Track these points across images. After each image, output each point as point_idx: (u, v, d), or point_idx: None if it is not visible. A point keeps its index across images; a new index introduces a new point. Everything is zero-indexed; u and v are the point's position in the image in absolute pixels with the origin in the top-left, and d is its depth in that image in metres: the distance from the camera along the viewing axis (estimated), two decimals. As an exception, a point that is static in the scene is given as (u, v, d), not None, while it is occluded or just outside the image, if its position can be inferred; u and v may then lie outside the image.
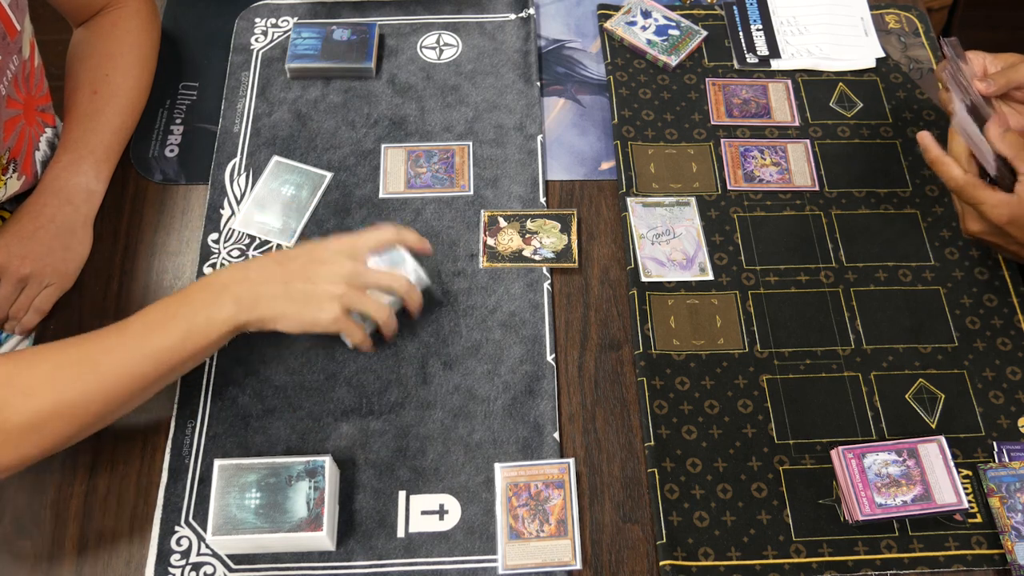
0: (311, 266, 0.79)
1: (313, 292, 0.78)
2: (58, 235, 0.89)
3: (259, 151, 0.99)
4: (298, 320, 0.78)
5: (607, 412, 0.85)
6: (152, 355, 0.75)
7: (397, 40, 1.09)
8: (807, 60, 1.07)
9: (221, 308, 0.76)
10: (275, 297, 0.77)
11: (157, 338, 0.75)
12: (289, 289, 0.78)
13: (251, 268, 0.79)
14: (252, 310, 0.77)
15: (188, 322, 0.75)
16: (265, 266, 0.79)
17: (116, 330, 0.76)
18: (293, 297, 0.78)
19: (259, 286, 0.78)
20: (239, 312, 0.76)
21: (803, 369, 0.87)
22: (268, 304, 0.77)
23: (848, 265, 0.92)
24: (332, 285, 0.79)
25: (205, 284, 0.78)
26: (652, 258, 0.92)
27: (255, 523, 0.74)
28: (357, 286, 0.80)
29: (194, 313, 0.76)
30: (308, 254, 0.81)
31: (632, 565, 0.78)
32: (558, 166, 1.00)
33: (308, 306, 0.78)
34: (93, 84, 0.96)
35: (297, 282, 0.78)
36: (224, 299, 0.76)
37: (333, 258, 0.80)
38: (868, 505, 0.77)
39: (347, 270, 0.80)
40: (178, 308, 0.76)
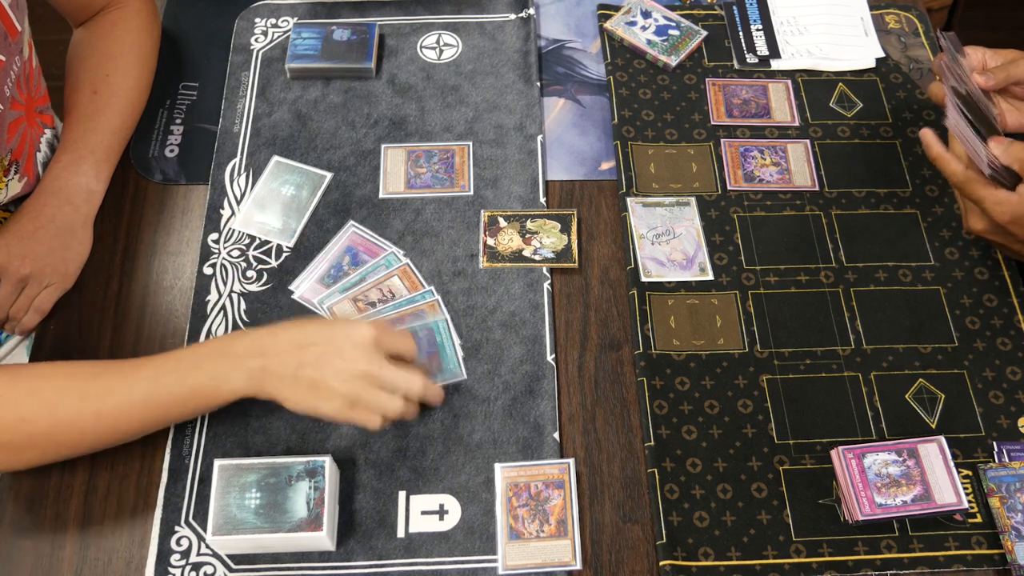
0: (326, 357, 0.76)
1: (320, 383, 0.76)
2: (58, 235, 0.89)
3: (259, 151, 0.99)
4: (302, 405, 0.77)
5: (607, 412, 0.85)
6: (155, 406, 0.76)
7: (397, 40, 1.09)
8: (807, 60, 1.07)
9: (231, 379, 0.76)
10: (284, 379, 0.76)
11: (163, 391, 0.76)
12: (299, 374, 0.76)
13: (268, 344, 0.77)
14: (260, 387, 0.77)
15: (196, 383, 0.76)
16: (282, 344, 0.77)
17: (125, 372, 0.76)
18: (300, 383, 0.76)
19: (272, 365, 0.76)
20: (247, 387, 0.77)
21: (803, 369, 0.87)
22: (276, 385, 0.76)
23: (848, 265, 0.92)
24: (342, 383, 0.76)
25: (221, 349, 0.77)
26: (652, 258, 0.92)
27: (255, 523, 0.74)
28: (368, 382, 0.77)
29: (205, 377, 0.76)
30: (328, 342, 0.77)
31: (632, 565, 0.78)
32: (558, 166, 1.00)
33: (313, 394, 0.76)
34: (93, 84, 0.96)
35: (308, 369, 0.76)
36: (237, 371, 0.76)
37: (351, 352, 0.76)
38: (868, 505, 0.77)
39: (360, 369, 0.76)
40: (190, 368, 0.76)
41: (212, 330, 0.88)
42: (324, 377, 0.76)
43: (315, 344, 0.77)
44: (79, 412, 0.75)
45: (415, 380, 0.78)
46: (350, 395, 0.76)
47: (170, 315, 0.90)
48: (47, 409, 0.74)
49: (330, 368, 0.76)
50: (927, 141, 0.85)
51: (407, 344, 0.81)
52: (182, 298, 0.91)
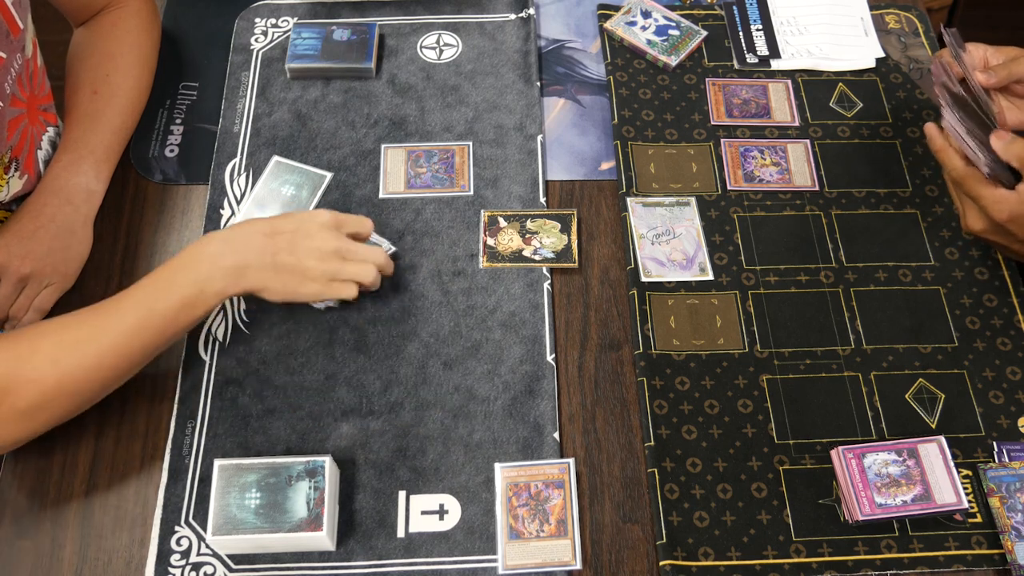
0: (297, 240, 0.82)
1: (297, 265, 0.81)
2: (58, 235, 0.89)
3: (259, 151, 0.99)
4: (283, 291, 0.82)
5: (607, 412, 0.85)
6: (148, 328, 0.78)
7: (397, 40, 1.09)
8: (807, 60, 1.07)
9: (212, 281, 0.79)
10: (262, 268, 0.80)
11: (152, 311, 0.78)
12: (276, 261, 0.81)
13: (236, 238, 0.81)
14: (239, 282, 0.80)
15: (180, 295, 0.78)
16: (251, 237, 0.81)
17: (112, 306, 0.78)
18: (279, 269, 0.81)
19: (246, 257, 0.80)
20: (227, 285, 0.79)
21: (803, 369, 0.87)
22: (255, 275, 0.80)
23: (848, 265, 0.92)
24: (317, 260, 0.82)
25: (192, 257, 0.80)
26: (652, 258, 0.92)
27: (255, 523, 0.74)
28: (339, 258, 0.83)
29: (187, 285, 0.78)
30: (293, 226, 0.82)
31: (632, 565, 0.78)
32: (558, 166, 1.00)
33: (293, 278, 0.81)
34: (93, 84, 0.96)
35: (283, 255, 0.81)
36: (214, 272, 0.79)
37: (318, 232, 0.83)
38: (868, 505, 0.77)
39: (331, 246, 0.82)
40: (169, 282, 0.79)
41: (211, 330, 0.88)
42: (300, 259, 0.81)
43: (283, 232, 0.82)
44: (81, 357, 0.76)
45: (377, 250, 0.86)
46: (327, 272, 0.82)
47: (170, 315, 0.90)
48: (51, 363, 0.75)
49: (303, 249, 0.81)
50: (930, 134, 0.85)
51: (363, 223, 0.87)
52: (182, 298, 0.91)
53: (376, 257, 0.86)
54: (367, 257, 0.85)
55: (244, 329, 0.88)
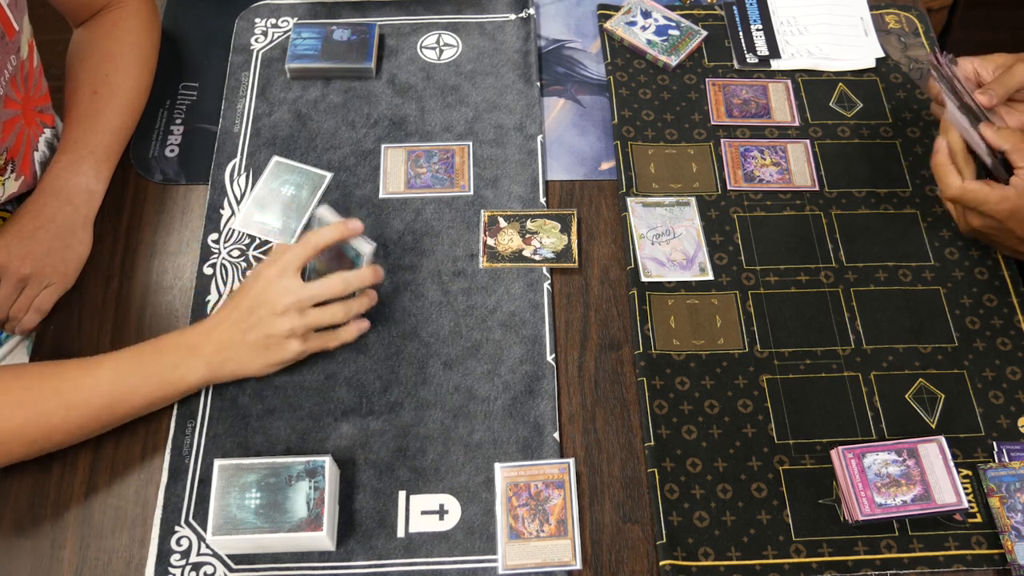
0: (256, 309, 0.81)
1: (266, 336, 0.81)
2: (58, 235, 0.89)
3: (259, 151, 0.99)
4: (266, 366, 0.83)
5: (607, 412, 0.85)
6: (122, 396, 0.79)
7: (397, 40, 1.09)
8: (807, 60, 1.07)
9: (192, 369, 0.80)
10: (240, 354, 0.81)
11: (129, 381, 0.79)
12: (247, 342, 0.81)
13: (214, 331, 0.82)
14: (221, 369, 0.82)
15: (160, 376, 0.80)
16: (223, 327, 0.82)
17: (90, 367, 0.79)
18: (252, 348, 0.81)
19: (223, 345, 0.81)
20: (210, 374, 0.81)
21: (803, 369, 0.87)
22: (235, 361, 0.82)
23: (848, 265, 0.92)
24: (279, 322, 0.81)
25: (174, 343, 0.81)
26: (652, 258, 0.92)
27: (255, 523, 0.74)
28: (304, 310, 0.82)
29: (167, 366, 0.80)
30: (251, 297, 0.82)
31: (632, 565, 0.78)
32: (558, 166, 1.00)
33: (269, 352, 0.82)
34: (93, 84, 0.96)
35: (251, 332, 0.81)
36: (196, 361, 0.80)
37: (272, 295, 0.81)
38: (868, 505, 0.77)
39: (286, 302, 0.81)
40: (151, 359, 0.80)
41: (212, 330, 0.88)
42: (268, 331, 0.81)
43: (243, 309, 0.82)
44: (49, 407, 0.76)
45: (334, 282, 0.82)
46: (295, 330, 0.81)
47: (170, 315, 0.90)
48: (17, 406, 0.75)
49: (265, 321, 0.81)
50: (937, 148, 0.86)
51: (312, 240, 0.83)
52: (182, 298, 0.91)
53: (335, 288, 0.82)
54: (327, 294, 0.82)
55: (244, 329, 0.88)
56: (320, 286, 0.82)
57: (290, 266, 0.82)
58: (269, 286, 0.82)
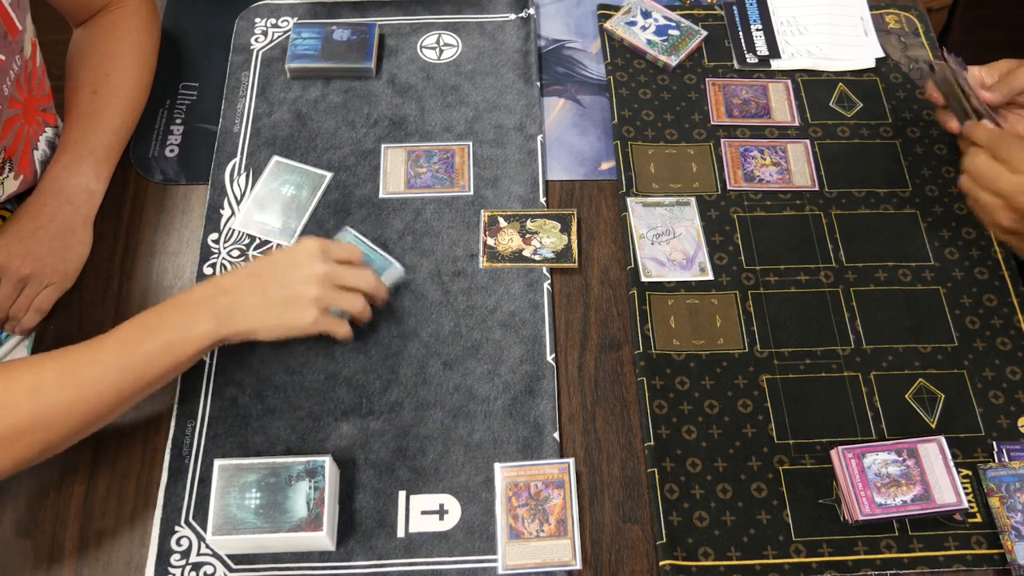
0: (285, 271, 0.80)
1: (291, 296, 0.79)
2: (58, 235, 0.89)
3: (259, 151, 0.99)
4: (278, 327, 0.80)
5: (607, 412, 0.85)
6: (132, 368, 0.75)
7: (397, 40, 1.09)
8: (807, 60, 1.07)
9: (199, 323, 0.77)
10: (254, 307, 0.79)
11: (137, 352, 0.76)
12: (267, 298, 0.79)
13: (225, 282, 0.80)
14: (230, 323, 0.78)
15: (166, 337, 0.76)
16: (239, 279, 0.80)
17: (95, 344, 0.76)
18: (271, 305, 0.79)
19: (235, 298, 0.78)
20: (218, 326, 0.77)
21: (803, 369, 0.87)
22: (247, 315, 0.78)
23: (848, 265, 0.92)
24: (308, 287, 0.80)
25: (180, 301, 0.79)
26: (652, 258, 0.92)
27: (255, 523, 0.74)
28: (331, 285, 0.82)
29: (172, 328, 0.77)
30: (280, 260, 0.81)
31: (632, 565, 0.78)
32: (558, 166, 1.00)
33: (287, 311, 0.79)
34: (93, 84, 0.96)
35: (273, 289, 0.79)
36: (201, 314, 0.77)
37: (305, 261, 0.81)
38: (868, 505, 0.77)
39: (322, 271, 0.81)
40: (156, 323, 0.77)
41: (212, 330, 0.88)
42: (292, 289, 0.79)
43: (268, 267, 0.81)
44: (60, 391, 0.73)
45: (367, 273, 0.84)
46: (320, 299, 0.80)
47: (170, 315, 0.90)
48: (27, 393, 0.72)
49: (294, 278, 0.80)
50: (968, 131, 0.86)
51: (351, 250, 0.85)
52: (182, 298, 0.91)
53: (366, 282, 0.84)
54: (357, 283, 0.83)
55: (244, 329, 0.88)
56: (353, 273, 0.83)
57: (329, 248, 0.83)
58: (306, 254, 0.81)
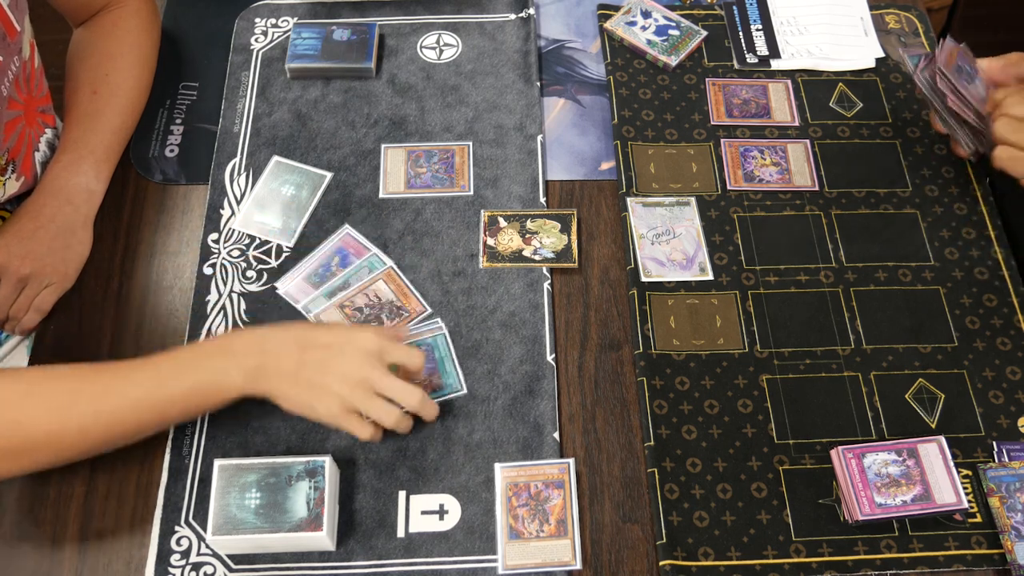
0: (328, 358, 0.77)
1: (320, 384, 0.76)
2: (58, 235, 0.89)
3: (259, 151, 0.99)
4: (298, 405, 0.77)
5: (607, 412, 0.85)
6: (152, 404, 0.75)
7: (397, 40, 1.09)
8: (807, 60, 1.07)
9: (230, 376, 0.76)
10: (283, 378, 0.76)
11: (162, 389, 0.75)
12: (299, 375, 0.76)
13: (269, 341, 0.77)
14: (258, 384, 0.76)
15: (195, 382, 0.75)
16: (284, 343, 0.77)
17: (123, 371, 0.76)
18: (299, 383, 0.76)
19: (272, 363, 0.76)
20: (246, 384, 0.76)
21: (803, 369, 0.87)
22: (275, 383, 0.77)
23: (848, 265, 0.92)
24: (341, 385, 0.76)
25: (220, 347, 0.77)
26: (652, 258, 0.92)
27: (255, 523, 0.74)
28: (366, 388, 0.77)
29: (204, 375, 0.76)
30: (330, 343, 0.77)
31: (632, 565, 0.78)
32: (558, 166, 1.00)
33: (311, 396, 0.77)
34: (93, 84, 0.96)
35: (309, 370, 0.76)
36: (236, 369, 0.76)
37: (353, 356, 0.77)
38: (868, 505, 0.77)
39: (362, 374, 0.77)
40: (189, 366, 0.76)
41: (212, 330, 0.88)
42: (324, 379, 0.76)
43: (317, 347, 0.77)
44: (77, 413, 0.73)
45: (414, 393, 0.78)
46: (347, 399, 0.76)
47: (170, 315, 0.90)
48: (44, 410, 0.73)
49: (331, 370, 0.76)
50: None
51: (412, 356, 0.79)
52: (182, 298, 0.91)
53: (408, 399, 0.78)
54: (398, 396, 0.78)
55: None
56: (398, 388, 0.78)
57: (387, 351, 0.78)
58: (357, 350, 0.77)
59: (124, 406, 0.74)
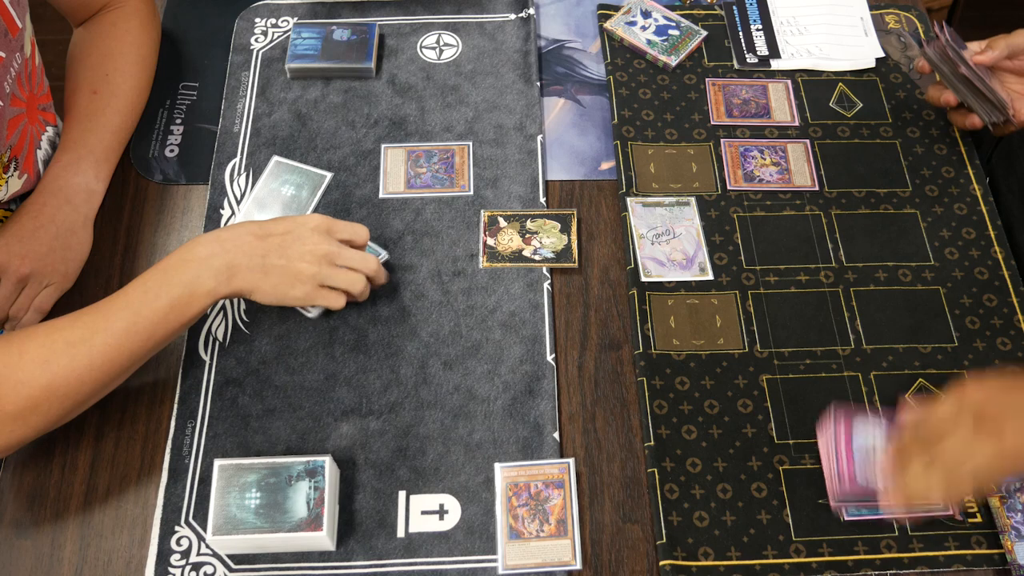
0: (288, 243, 0.82)
1: (288, 268, 0.81)
2: (58, 235, 0.89)
3: (259, 151, 0.99)
4: (272, 294, 0.82)
5: (607, 412, 0.85)
6: (140, 331, 0.77)
7: (397, 40, 1.09)
8: (807, 60, 1.07)
9: (201, 281, 0.78)
10: (252, 270, 0.80)
11: (144, 314, 0.77)
12: (265, 263, 0.80)
13: (227, 239, 0.81)
14: (230, 282, 0.79)
15: (171, 298, 0.77)
16: (242, 238, 0.81)
17: (101, 309, 0.77)
18: (269, 271, 0.81)
19: (237, 258, 0.80)
20: (218, 285, 0.79)
21: (803, 369, 0.87)
22: (245, 277, 0.80)
23: (848, 265, 0.92)
24: (307, 264, 0.81)
25: (182, 258, 0.79)
26: (652, 258, 0.92)
27: (255, 523, 0.74)
28: (330, 262, 0.83)
29: (176, 289, 0.78)
30: (286, 230, 0.82)
31: (632, 565, 0.78)
32: (558, 166, 1.00)
33: (282, 282, 0.81)
34: (93, 84, 0.96)
35: (273, 257, 0.81)
36: (205, 272, 0.78)
37: (310, 236, 0.82)
38: (848, 482, 0.76)
39: (322, 250, 0.82)
40: (162, 283, 0.78)
41: (211, 330, 0.88)
42: (290, 262, 0.81)
43: (274, 234, 0.82)
44: (71, 360, 0.74)
45: (369, 258, 0.86)
46: (317, 276, 0.82)
47: (170, 315, 0.90)
48: (40, 365, 0.73)
49: (294, 252, 0.81)
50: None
51: (357, 230, 0.86)
52: (182, 298, 0.91)
53: (366, 265, 0.85)
54: (357, 264, 0.85)
55: (244, 329, 0.88)
56: (355, 255, 0.85)
57: (334, 227, 0.84)
58: (310, 229, 0.83)
59: (111, 342, 0.76)
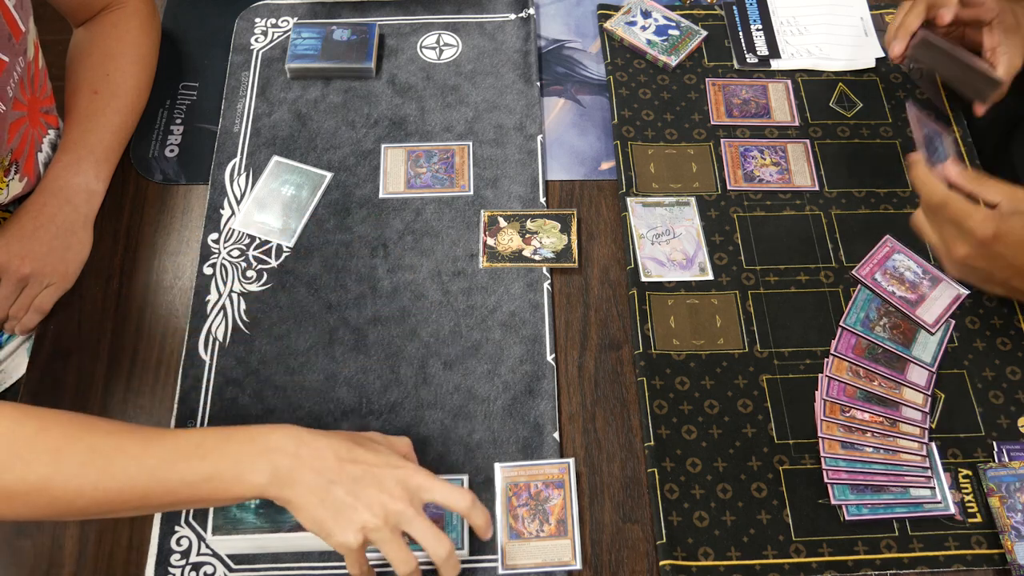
0: (364, 482, 0.69)
1: (347, 507, 0.68)
2: (58, 235, 0.89)
3: (259, 151, 0.99)
4: (316, 525, 0.68)
5: (607, 412, 0.85)
6: (164, 482, 0.67)
7: (397, 40, 1.09)
8: (807, 60, 1.07)
9: (255, 472, 0.67)
10: (312, 491, 0.68)
11: (178, 469, 0.67)
12: (328, 492, 0.68)
13: (307, 444, 0.69)
14: (282, 490, 0.68)
15: (216, 468, 0.67)
16: (323, 452, 0.69)
17: (143, 435, 0.68)
18: (326, 502, 0.68)
19: (304, 473, 0.68)
20: (269, 485, 0.67)
21: (803, 369, 0.87)
22: (300, 493, 0.68)
23: (848, 265, 0.92)
24: (369, 514, 0.68)
25: (253, 436, 0.69)
26: (652, 258, 0.92)
27: (255, 523, 0.74)
28: (394, 525, 0.69)
29: (227, 463, 0.67)
30: (372, 466, 0.70)
31: (632, 565, 0.78)
32: (558, 166, 1.00)
33: (334, 519, 0.68)
34: (93, 84, 0.96)
35: (339, 489, 0.68)
36: (263, 464, 0.67)
37: (392, 488, 0.69)
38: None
39: (397, 507, 0.68)
40: (214, 449, 0.68)
41: (211, 330, 0.88)
42: (354, 502, 0.68)
43: (356, 462, 0.69)
44: (82, 466, 0.66)
45: (445, 543, 0.69)
46: (371, 533, 0.68)
47: (170, 315, 0.90)
48: (50, 455, 0.65)
49: (364, 494, 0.68)
50: (913, 160, 0.83)
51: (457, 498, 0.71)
52: (182, 298, 0.91)
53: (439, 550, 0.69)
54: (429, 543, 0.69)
55: (244, 329, 0.88)
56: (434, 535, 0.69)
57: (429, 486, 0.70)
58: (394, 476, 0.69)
59: (132, 472, 0.66)
